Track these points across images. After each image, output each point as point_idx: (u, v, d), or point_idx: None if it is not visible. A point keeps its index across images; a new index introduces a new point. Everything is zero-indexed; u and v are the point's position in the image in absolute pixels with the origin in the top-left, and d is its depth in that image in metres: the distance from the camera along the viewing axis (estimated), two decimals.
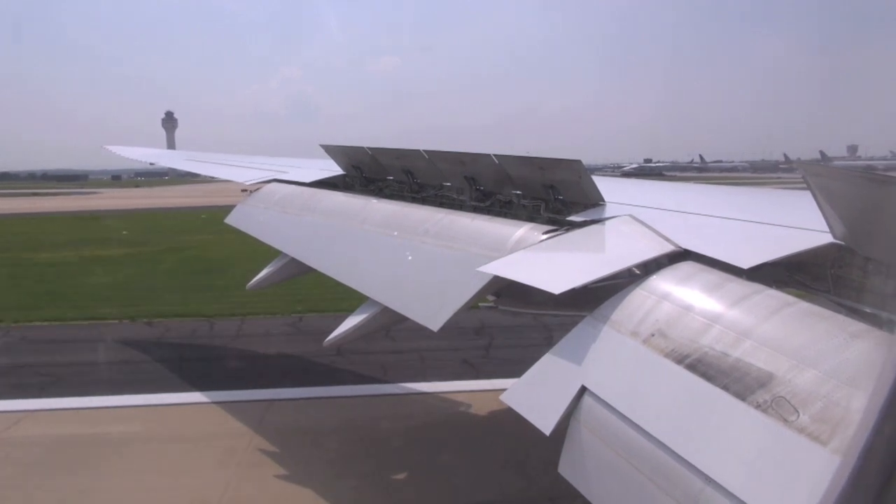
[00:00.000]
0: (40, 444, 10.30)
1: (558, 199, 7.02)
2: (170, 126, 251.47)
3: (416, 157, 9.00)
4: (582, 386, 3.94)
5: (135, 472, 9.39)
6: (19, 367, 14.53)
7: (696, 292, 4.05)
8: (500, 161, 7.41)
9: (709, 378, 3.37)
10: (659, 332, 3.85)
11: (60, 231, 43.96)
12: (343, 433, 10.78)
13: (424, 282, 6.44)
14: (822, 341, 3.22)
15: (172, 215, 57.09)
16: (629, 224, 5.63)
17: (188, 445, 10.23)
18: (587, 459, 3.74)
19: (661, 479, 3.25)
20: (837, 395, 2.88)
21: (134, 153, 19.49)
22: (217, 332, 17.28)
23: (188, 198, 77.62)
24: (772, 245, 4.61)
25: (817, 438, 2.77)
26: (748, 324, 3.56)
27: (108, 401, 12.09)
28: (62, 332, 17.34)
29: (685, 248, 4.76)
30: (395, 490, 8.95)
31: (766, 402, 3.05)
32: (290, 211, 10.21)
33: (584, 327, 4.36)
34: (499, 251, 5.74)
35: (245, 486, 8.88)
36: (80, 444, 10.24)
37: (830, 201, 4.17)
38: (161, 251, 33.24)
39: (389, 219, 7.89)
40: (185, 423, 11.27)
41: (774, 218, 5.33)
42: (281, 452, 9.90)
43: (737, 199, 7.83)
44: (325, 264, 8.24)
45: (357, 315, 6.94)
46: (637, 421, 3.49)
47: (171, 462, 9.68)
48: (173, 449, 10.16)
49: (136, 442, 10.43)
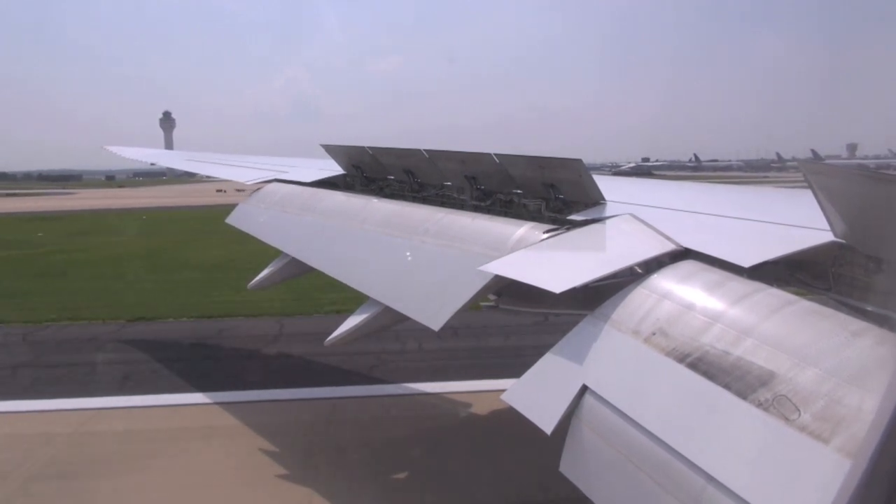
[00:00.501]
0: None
1: (559, 198, 7.02)
2: (167, 126, 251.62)
3: (417, 156, 9.00)
4: (583, 385, 3.94)
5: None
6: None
7: (696, 291, 4.05)
8: (501, 160, 7.41)
9: (710, 377, 3.37)
10: (660, 330, 3.85)
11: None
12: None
13: (425, 281, 6.45)
14: (824, 340, 3.22)
15: (120, 216, 58.01)
16: (630, 223, 5.63)
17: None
18: (589, 458, 3.74)
19: (662, 477, 3.25)
20: (839, 393, 2.88)
21: (133, 153, 19.49)
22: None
23: (163, 198, 79.31)
24: (773, 244, 4.62)
25: (819, 437, 2.77)
26: (749, 322, 3.56)
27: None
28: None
29: (686, 246, 4.76)
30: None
31: (768, 401, 3.05)
32: (291, 211, 10.21)
33: (584, 326, 4.36)
34: (499, 250, 5.74)
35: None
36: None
37: (831, 199, 4.17)
38: (37, 254, 33.30)
39: (390, 218, 7.89)
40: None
41: (775, 216, 5.33)
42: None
43: (738, 197, 7.83)
44: (325, 264, 8.24)
45: (358, 315, 6.94)
46: (638, 420, 3.49)
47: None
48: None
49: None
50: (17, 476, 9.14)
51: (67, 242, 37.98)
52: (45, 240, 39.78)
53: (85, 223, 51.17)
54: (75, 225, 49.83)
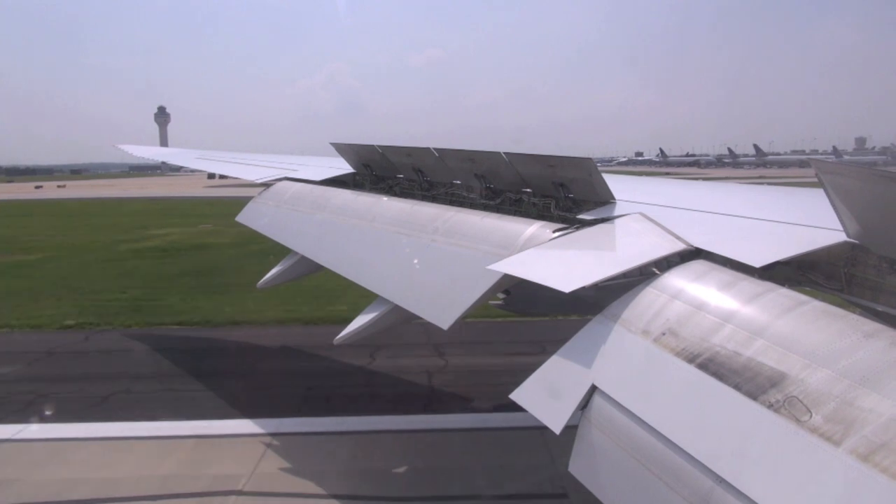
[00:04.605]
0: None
1: (568, 197, 7.00)
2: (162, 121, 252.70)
3: (426, 154, 9.00)
4: (592, 385, 3.93)
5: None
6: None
7: (707, 291, 4.03)
8: (510, 159, 7.40)
9: (720, 377, 3.35)
10: (670, 330, 3.83)
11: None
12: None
13: (434, 280, 6.45)
14: (836, 341, 3.20)
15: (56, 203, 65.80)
16: (640, 222, 5.60)
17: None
18: (598, 458, 3.73)
19: (671, 478, 3.24)
20: (851, 395, 2.86)
21: (145, 152, 19.66)
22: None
23: (123, 189, 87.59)
24: (784, 243, 4.58)
25: (830, 439, 2.75)
26: (760, 323, 3.53)
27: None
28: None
29: (696, 246, 4.73)
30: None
31: (779, 402, 3.03)
32: (300, 209, 10.25)
33: (594, 326, 4.35)
34: (509, 249, 5.74)
35: None
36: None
37: (844, 199, 4.13)
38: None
39: (399, 217, 7.90)
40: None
41: (787, 216, 5.28)
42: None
43: (749, 196, 7.77)
44: (334, 262, 8.27)
45: (367, 313, 6.97)
46: (648, 420, 3.48)
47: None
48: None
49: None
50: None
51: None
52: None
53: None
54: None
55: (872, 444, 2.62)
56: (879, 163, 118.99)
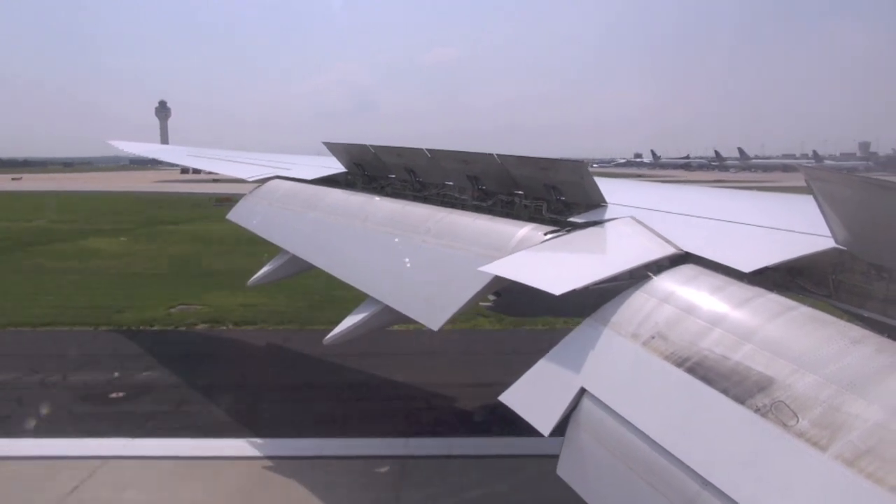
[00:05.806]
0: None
1: (560, 199, 7.00)
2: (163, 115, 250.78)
3: (419, 155, 8.99)
4: (581, 388, 3.93)
5: None
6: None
7: (696, 295, 4.04)
8: (503, 161, 7.40)
9: (708, 381, 3.36)
10: (659, 334, 3.84)
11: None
12: None
13: (425, 281, 6.43)
14: (823, 346, 3.21)
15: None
16: (630, 226, 5.62)
17: None
18: (586, 461, 3.73)
19: (659, 481, 3.24)
20: (838, 400, 2.87)
21: (136, 148, 19.50)
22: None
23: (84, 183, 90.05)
24: (773, 249, 4.60)
25: (817, 444, 2.76)
26: (749, 328, 3.55)
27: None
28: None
29: (686, 250, 4.75)
30: None
31: (766, 407, 3.04)
32: (292, 208, 10.20)
33: (584, 329, 4.35)
34: (500, 251, 5.73)
35: None
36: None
37: (833, 206, 4.15)
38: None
39: (391, 217, 7.88)
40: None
41: (776, 222, 5.31)
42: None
43: (740, 202, 7.81)
44: (325, 262, 8.23)
45: (357, 313, 6.93)
46: (636, 423, 3.49)
47: None
48: None
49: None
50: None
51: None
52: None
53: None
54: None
55: (858, 449, 2.63)
56: (860, 168, 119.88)
